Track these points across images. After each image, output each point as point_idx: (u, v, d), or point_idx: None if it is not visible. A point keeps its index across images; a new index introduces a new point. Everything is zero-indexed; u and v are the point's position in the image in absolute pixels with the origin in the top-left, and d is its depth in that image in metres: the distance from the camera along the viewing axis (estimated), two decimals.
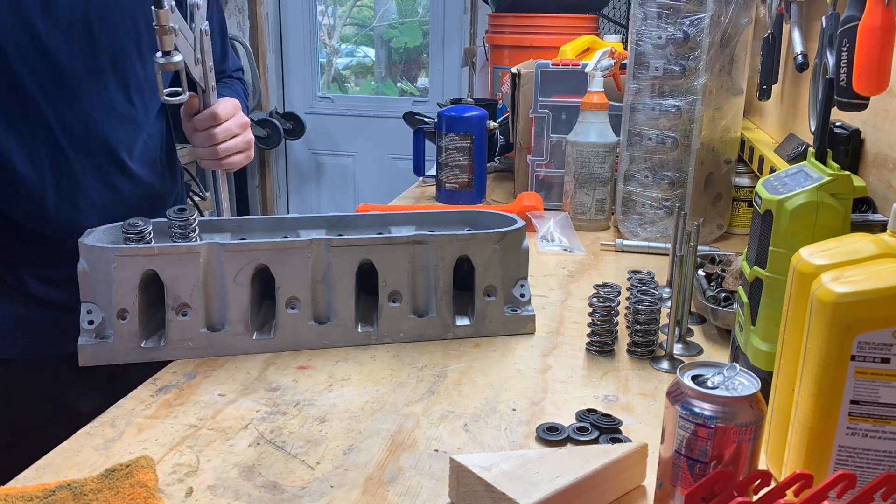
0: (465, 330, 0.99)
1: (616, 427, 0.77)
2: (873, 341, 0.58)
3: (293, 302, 0.93)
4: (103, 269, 0.88)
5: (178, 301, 0.90)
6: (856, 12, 0.83)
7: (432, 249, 0.95)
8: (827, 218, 0.72)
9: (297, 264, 0.92)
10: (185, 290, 0.90)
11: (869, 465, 0.60)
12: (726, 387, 0.59)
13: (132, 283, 0.88)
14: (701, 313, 1.05)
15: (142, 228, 0.93)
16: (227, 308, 0.92)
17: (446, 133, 1.66)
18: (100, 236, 0.94)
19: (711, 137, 1.35)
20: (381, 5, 4.19)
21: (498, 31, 2.30)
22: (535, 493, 0.59)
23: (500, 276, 0.99)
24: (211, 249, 0.90)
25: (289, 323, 0.94)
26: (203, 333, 0.91)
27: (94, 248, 0.89)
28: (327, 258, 0.93)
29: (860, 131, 1.06)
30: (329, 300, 0.95)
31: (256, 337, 0.93)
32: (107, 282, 0.88)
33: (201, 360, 0.92)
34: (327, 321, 0.95)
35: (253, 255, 0.91)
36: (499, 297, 0.99)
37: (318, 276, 0.94)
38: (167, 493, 0.66)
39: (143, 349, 0.90)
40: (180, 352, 0.91)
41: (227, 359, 0.92)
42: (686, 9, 1.27)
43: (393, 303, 0.96)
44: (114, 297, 0.89)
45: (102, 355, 0.90)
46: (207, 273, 0.90)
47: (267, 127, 3.87)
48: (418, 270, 0.96)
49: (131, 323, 0.89)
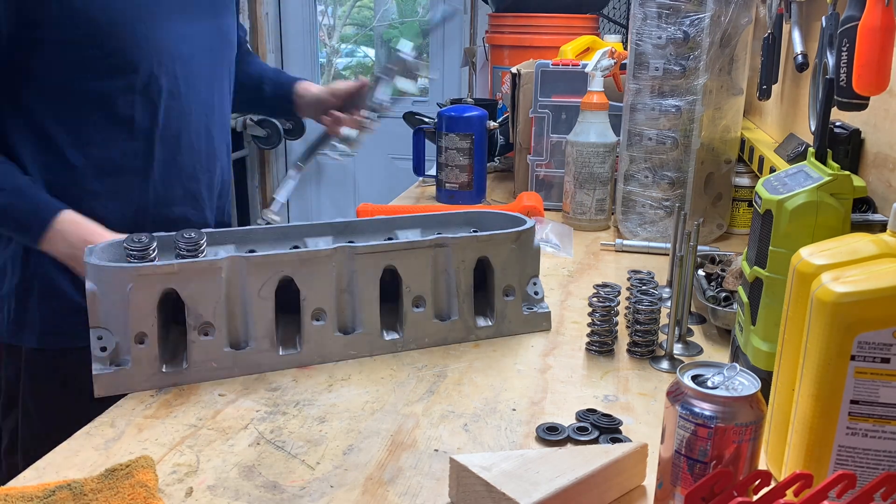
0: (486, 331, 0.99)
1: (616, 427, 0.77)
2: (873, 341, 0.58)
3: (319, 314, 0.90)
4: (117, 291, 0.81)
5: (201, 320, 0.85)
6: (856, 12, 0.83)
7: (453, 252, 0.95)
8: (827, 218, 0.72)
9: (321, 274, 0.89)
10: (207, 308, 0.85)
11: (869, 464, 0.60)
12: (726, 387, 0.59)
13: (151, 305, 0.82)
14: (701, 313, 1.05)
15: (146, 244, 0.86)
16: (251, 324, 0.87)
17: (446, 133, 1.66)
18: (100, 255, 0.86)
19: (711, 137, 1.35)
20: (381, 5, 4.19)
21: (498, 31, 2.30)
22: (535, 493, 0.59)
23: (518, 275, 0.99)
24: (234, 263, 0.85)
25: (315, 336, 0.90)
26: (227, 353, 0.87)
27: (104, 268, 0.82)
28: (351, 266, 0.91)
29: (860, 131, 1.06)
30: (354, 309, 0.92)
31: (282, 352, 0.89)
32: (121, 304, 0.82)
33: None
34: (353, 331, 0.93)
35: (277, 268, 0.87)
36: (517, 296, 1.00)
37: (343, 286, 0.91)
38: (167, 493, 0.66)
39: (164, 374, 0.84)
40: (203, 373, 0.86)
41: None
42: (686, 9, 1.27)
43: (417, 308, 0.95)
44: (130, 321, 0.82)
45: (121, 384, 0.83)
46: (230, 288, 0.85)
47: (267, 127, 3.86)
48: (440, 274, 0.95)
49: (150, 347, 0.83)
